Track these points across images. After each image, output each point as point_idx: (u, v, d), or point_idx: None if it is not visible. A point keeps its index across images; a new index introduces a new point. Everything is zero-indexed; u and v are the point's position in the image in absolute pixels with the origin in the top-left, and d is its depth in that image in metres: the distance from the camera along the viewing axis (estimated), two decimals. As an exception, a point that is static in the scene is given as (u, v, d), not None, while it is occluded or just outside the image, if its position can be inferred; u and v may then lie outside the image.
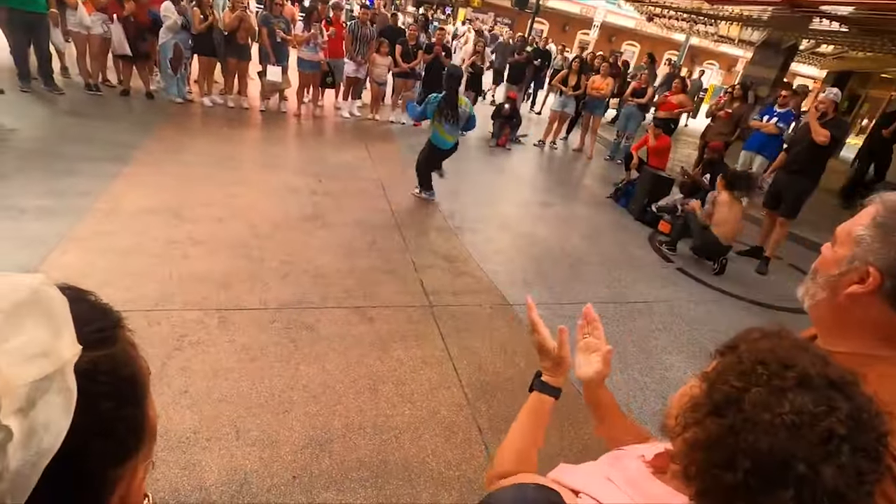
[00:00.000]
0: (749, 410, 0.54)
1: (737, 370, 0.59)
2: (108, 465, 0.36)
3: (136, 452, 0.39)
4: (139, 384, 0.40)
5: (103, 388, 0.34)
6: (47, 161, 4.31)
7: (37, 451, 0.28)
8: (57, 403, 0.29)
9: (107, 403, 0.35)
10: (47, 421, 0.29)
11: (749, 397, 0.55)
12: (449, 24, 17.43)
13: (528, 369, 2.91)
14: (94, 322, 0.37)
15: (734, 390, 0.57)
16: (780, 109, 6.98)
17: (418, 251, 4.08)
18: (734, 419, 0.55)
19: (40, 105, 5.78)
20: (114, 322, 0.39)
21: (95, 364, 0.34)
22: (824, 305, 0.87)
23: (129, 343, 0.40)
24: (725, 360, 0.63)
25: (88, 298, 0.39)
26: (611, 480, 0.69)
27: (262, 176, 5.02)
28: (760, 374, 0.56)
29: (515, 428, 0.97)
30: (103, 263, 3.09)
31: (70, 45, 6.77)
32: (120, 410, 0.36)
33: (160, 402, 2.18)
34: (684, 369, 3.24)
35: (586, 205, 6.33)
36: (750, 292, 4.62)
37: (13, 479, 0.27)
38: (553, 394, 0.98)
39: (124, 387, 0.37)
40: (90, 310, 0.38)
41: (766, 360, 0.58)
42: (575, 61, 8.78)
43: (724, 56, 28.51)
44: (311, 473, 2.02)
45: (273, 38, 6.97)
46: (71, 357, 0.31)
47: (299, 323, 2.91)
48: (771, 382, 0.55)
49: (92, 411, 0.33)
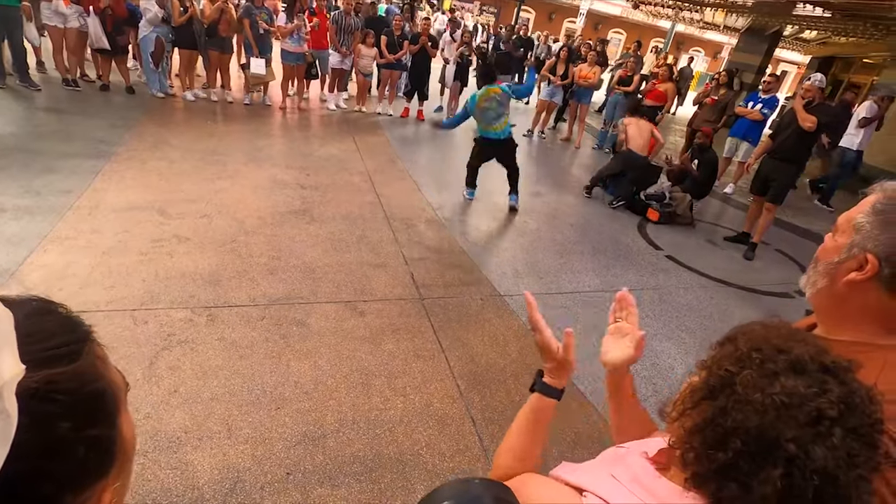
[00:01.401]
0: (740, 391, 0.55)
1: (733, 357, 0.60)
2: (67, 489, 0.33)
3: (103, 474, 0.37)
4: (107, 401, 0.37)
5: (60, 407, 0.32)
6: (25, 159, 4.21)
7: None
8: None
9: (64, 424, 0.32)
10: None
11: (740, 379, 0.56)
12: (423, 11, 17.18)
13: (521, 360, 2.92)
14: (56, 336, 0.35)
15: (728, 374, 0.58)
16: (765, 95, 7.02)
17: (408, 244, 4.06)
18: (726, 401, 0.55)
19: (16, 101, 5.63)
20: (80, 336, 0.37)
21: (53, 382, 0.32)
22: (825, 293, 0.87)
23: (98, 357, 0.38)
24: (723, 349, 0.64)
25: (57, 311, 0.37)
26: (615, 478, 0.68)
27: (248, 170, 4.95)
28: (754, 359, 0.57)
29: (515, 429, 0.95)
30: (86, 263, 3.04)
31: (45, 39, 6.59)
32: (81, 431, 0.34)
33: (149, 402, 2.16)
34: (674, 355, 3.28)
35: (575, 194, 6.34)
36: (737, 278, 4.67)
37: None
38: (555, 395, 0.95)
39: (87, 405, 0.35)
40: (55, 323, 0.36)
41: (760, 346, 0.59)
42: (563, 50, 8.74)
43: (710, 43, 28.63)
44: (304, 469, 2.01)
45: (256, 30, 6.84)
46: (10, 377, 0.29)
47: (289, 319, 2.89)
48: (764, 365, 0.56)
49: (45, 433, 0.31)
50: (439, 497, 0.54)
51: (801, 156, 5.05)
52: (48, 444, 0.31)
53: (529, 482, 0.79)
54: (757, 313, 4.08)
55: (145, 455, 1.93)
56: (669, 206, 5.81)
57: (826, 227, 3.54)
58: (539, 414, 0.95)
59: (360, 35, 7.70)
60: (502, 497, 0.55)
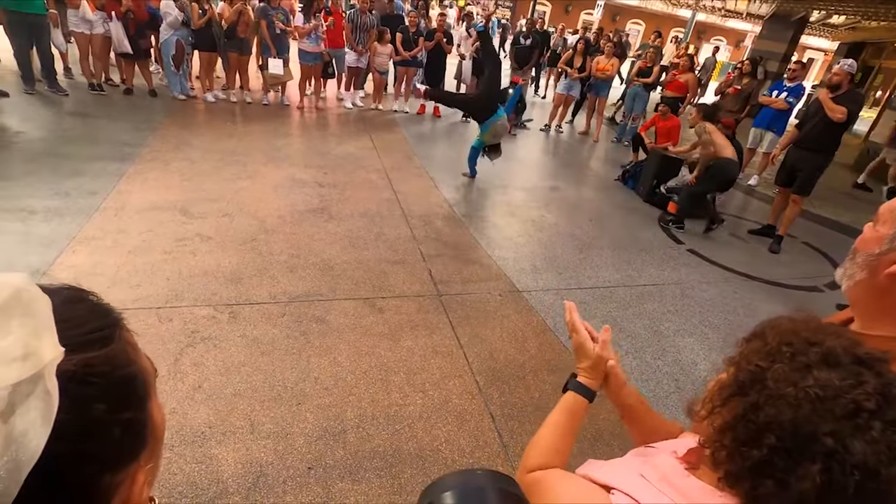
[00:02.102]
0: (772, 386, 0.53)
1: (763, 351, 0.58)
2: (104, 470, 0.35)
3: (136, 456, 0.38)
4: (139, 385, 0.38)
5: (96, 389, 0.33)
6: (54, 162, 4.34)
7: (15, 457, 0.27)
8: (36, 409, 0.28)
9: (100, 405, 0.33)
10: (26, 428, 0.28)
11: (772, 373, 0.54)
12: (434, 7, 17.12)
13: (540, 356, 2.90)
14: (89, 322, 0.36)
15: (758, 369, 0.56)
16: (790, 84, 6.81)
17: (426, 240, 4.06)
18: (758, 396, 0.54)
19: (45, 106, 5.80)
20: (111, 322, 0.38)
21: (89, 365, 0.33)
22: (863, 286, 0.84)
23: (129, 343, 0.39)
24: (751, 344, 0.62)
25: (88, 299, 0.38)
26: (644, 477, 0.67)
27: (268, 170, 5.01)
28: (784, 353, 0.55)
29: (546, 428, 0.94)
30: (113, 262, 3.12)
31: (72, 45, 6.78)
32: (116, 413, 0.35)
33: (175, 397, 2.21)
34: (697, 351, 3.22)
35: (594, 188, 6.26)
36: (762, 272, 4.56)
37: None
38: (589, 396, 0.95)
39: (121, 388, 0.36)
40: (87, 310, 0.37)
41: (790, 340, 0.57)
42: (580, 42, 8.63)
43: (732, 31, 27.91)
44: (325, 464, 2.03)
45: (273, 30, 6.91)
46: (52, 359, 0.30)
47: (309, 315, 2.92)
48: (795, 359, 0.54)
49: (83, 415, 0.32)
50: (442, 486, 0.53)
51: (828, 145, 4.89)
52: (86, 426, 0.32)
53: (556, 479, 0.78)
54: (783, 308, 3.98)
55: (171, 449, 1.97)
56: (691, 200, 5.68)
57: (856, 218, 3.40)
58: (572, 414, 0.94)
59: (375, 33, 7.72)
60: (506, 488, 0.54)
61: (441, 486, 0.53)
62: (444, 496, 0.52)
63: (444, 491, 0.52)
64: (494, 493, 0.53)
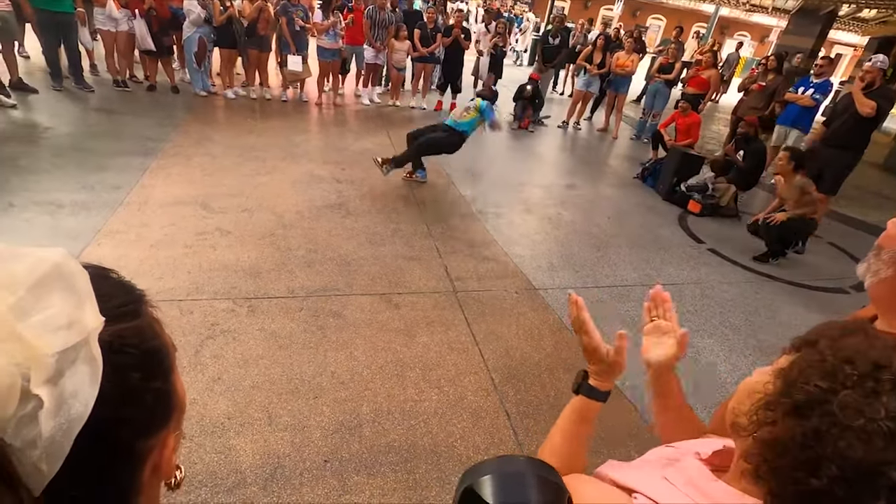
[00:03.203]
0: (839, 415, 0.50)
1: (820, 369, 0.54)
2: (140, 434, 0.37)
3: (166, 423, 0.40)
4: (166, 357, 0.41)
5: (130, 359, 0.35)
6: (80, 157, 4.44)
7: (67, 418, 0.29)
8: (84, 372, 0.30)
9: (135, 374, 0.36)
10: (75, 389, 0.30)
11: (839, 400, 0.50)
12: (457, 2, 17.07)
13: (556, 354, 2.88)
14: (117, 297, 0.38)
15: (819, 390, 0.52)
16: (817, 80, 6.63)
17: (442, 237, 4.06)
18: (820, 422, 0.50)
19: (72, 103, 5.95)
20: (137, 297, 0.40)
21: (121, 336, 0.35)
22: (889, 283, 0.81)
23: (154, 319, 0.41)
24: (805, 356, 0.58)
25: (111, 276, 0.40)
26: (668, 480, 0.65)
27: (286, 165, 5.06)
28: (850, 375, 0.52)
29: (558, 432, 0.92)
30: (136, 255, 3.19)
31: (98, 43, 6.93)
32: (148, 381, 0.37)
33: (195, 388, 2.25)
34: (717, 352, 3.16)
35: (612, 186, 6.19)
36: (786, 272, 4.46)
37: (46, 446, 0.28)
38: (601, 398, 0.91)
39: (151, 358, 0.38)
40: (113, 286, 0.39)
41: (853, 359, 0.53)
42: (599, 38, 8.52)
43: (757, 26, 27.28)
44: (341, 457, 2.05)
45: (292, 27, 6.97)
46: (94, 327, 0.32)
47: (326, 310, 2.95)
48: (863, 384, 0.51)
49: (121, 382, 0.34)
50: (482, 470, 0.53)
51: (856, 142, 4.76)
52: (124, 392, 0.34)
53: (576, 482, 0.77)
54: (807, 309, 3.89)
55: (192, 439, 2.02)
56: (712, 198, 5.59)
57: (883, 218, 3.34)
58: (583, 416, 0.91)
59: (393, 29, 7.72)
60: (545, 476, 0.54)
61: (480, 470, 0.53)
62: (483, 480, 0.52)
63: (483, 475, 0.52)
64: (534, 480, 0.52)
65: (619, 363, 0.91)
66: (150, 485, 0.40)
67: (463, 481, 0.53)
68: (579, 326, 0.92)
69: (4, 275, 0.29)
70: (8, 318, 0.28)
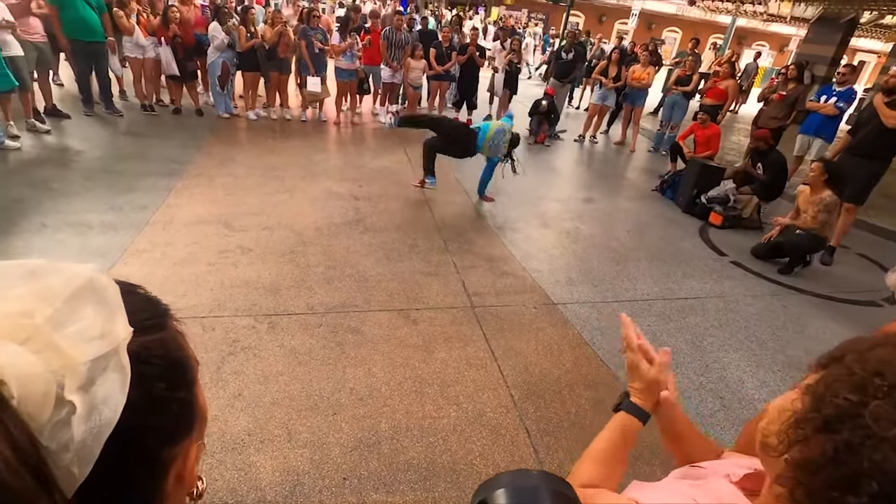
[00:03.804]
0: (872, 426, 0.48)
1: (849, 382, 0.52)
2: (165, 442, 0.38)
3: (189, 432, 0.41)
4: (189, 369, 0.42)
5: (156, 369, 0.37)
6: (110, 179, 4.60)
7: (97, 423, 0.30)
8: (114, 380, 0.32)
9: (160, 384, 0.37)
10: (106, 396, 0.31)
11: (871, 412, 0.49)
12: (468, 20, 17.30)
13: (576, 370, 2.84)
14: (144, 311, 0.39)
15: (848, 403, 0.50)
16: (840, 88, 6.51)
17: (459, 252, 4.07)
18: (852, 435, 0.48)
19: (102, 127, 6.18)
20: (162, 311, 0.42)
21: (147, 348, 0.36)
22: None
23: (178, 332, 0.43)
24: (832, 371, 0.56)
25: (138, 291, 0.42)
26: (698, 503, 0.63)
27: (306, 184, 5.16)
28: (880, 386, 0.50)
29: (596, 449, 0.89)
30: (161, 273, 3.27)
31: (126, 69, 7.22)
32: (172, 391, 0.38)
33: (216, 405, 2.27)
34: (744, 368, 3.07)
35: (631, 199, 6.13)
36: (813, 284, 4.33)
37: (78, 450, 0.29)
38: (642, 417, 0.90)
39: (175, 369, 0.39)
40: (140, 301, 0.41)
41: (882, 370, 0.51)
42: (614, 52, 8.53)
43: (776, 35, 27.01)
44: (360, 475, 2.04)
45: (311, 50, 7.16)
46: (124, 338, 0.33)
47: (345, 326, 2.97)
48: (893, 394, 0.49)
49: (147, 391, 0.35)
50: (497, 483, 0.53)
51: (884, 151, 4.64)
52: (149, 401, 0.35)
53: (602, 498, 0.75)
54: (837, 323, 3.76)
55: (212, 455, 2.03)
56: (734, 210, 5.50)
57: (918, 228, 3.16)
58: (624, 435, 0.89)
59: (409, 49, 7.87)
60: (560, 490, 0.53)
61: (495, 483, 0.53)
62: (497, 494, 0.52)
63: (497, 488, 0.52)
64: (548, 494, 0.52)
65: (658, 380, 0.90)
66: (174, 494, 0.41)
67: (477, 494, 0.53)
68: (628, 344, 0.94)
69: (42, 288, 0.31)
70: (45, 328, 0.29)
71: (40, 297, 0.31)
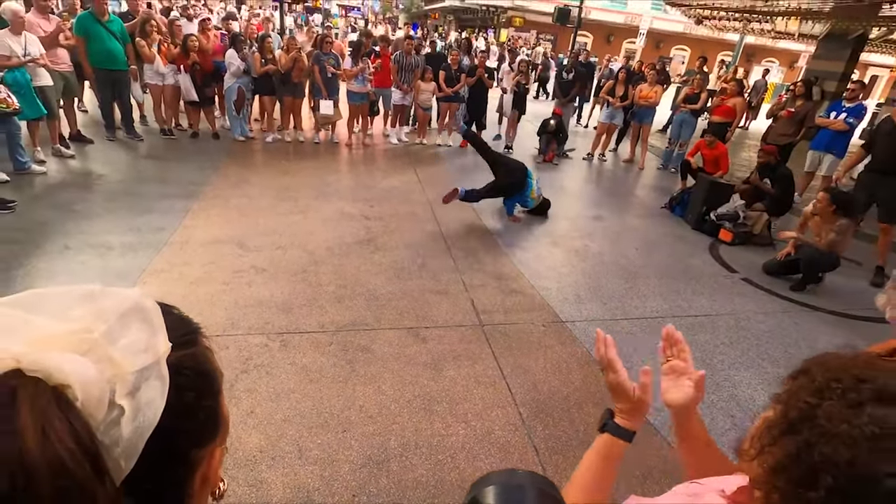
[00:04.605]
0: (825, 423, 0.51)
1: (810, 388, 0.56)
2: (194, 444, 0.44)
3: (214, 437, 0.47)
4: (216, 380, 0.48)
5: (187, 380, 0.42)
6: (130, 201, 4.76)
7: (141, 423, 0.36)
8: (155, 387, 0.37)
9: (190, 393, 0.43)
10: (149, 401, 0.37)
11: (822, 410, 0.52)
12: (479, 41, 17.58)
13: (585, 388, 2.84)
14: (178, 329, 0.45)
15: (807, 406, 0.54)
16: (850, 104, 6.51)
17: (468, 271, 4.12)
18: (810, 434, 0.52)
19: (123, 151, 6.40)
20: (194, 329, 0.48)
21: (181, 361, 0.42)
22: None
23: (207, 347, 0.49)
24: (799, 381, 0.60)
25: (173, 311, 0.49)
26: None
27: (318, 204, 5.27)
28: (834, 389, 0.54)
29: (582, 471, 0.90)
30: (178, 292, 3.36)
31: (147, 95, 7.49)
32: (201, 400, 0.44)
33: (230, 422, 2.33)
34: (755, 386, 3.05)
35: (639, 216, 6.14)
36: (826, 301, 4.29)
37: (126, 446, 0.35)
38: (627, 438, 0.90)
39: (204, 380, 0.45)
40: (175, 320, 0.47)
41: (838, 376, 0.55)
42: (621, 71, 8.63)
43: (784, 52, 27.04)
44: (369, 492, 2.07)
45: (324, 74, 7.37)
46: (164, 351, 0.39)
47: (355, 344, 3.01)
48: (846, 396, 0.52)
49: (180, 398, 0.41)
50: (486, 482, 0.57)
51: None
52: (182, 407, 0.41)
53: None
54: (850, 341, 3.71)
55: (225, 472, 2.07)
56: (744, 227, 5.48)
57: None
58: (608, 456, 0.90)
59: (419, 72, 8.06)
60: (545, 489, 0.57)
61: (485, 481, 0.58)
62: (487, 491, 0.56)
63: (487, 486, 0.56)
64: (533, 492, 0.56)
65: (644, 401, 0.90)
66: (200, 493, 0.46)
67: (470, 492, 0.58)
68: (606, 363, 0.93)
69: (98, 309, 0.37)
70: (101, 342, 0.36)
71: (96, 316, 0.37)
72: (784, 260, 4.61)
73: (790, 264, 4.58)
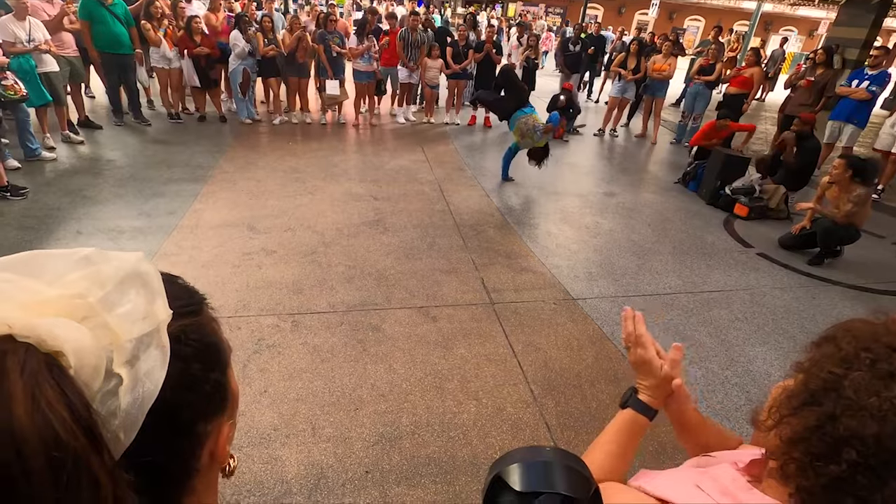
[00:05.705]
0: (851, 395, 0.49)
1: (836, 357, 0.54)
2: (199, 418, 0.42)
3: (221, 411, 0.45)
4: (222, 352, 0.46)
5: (192, 350, 0.41)
6: (139, 186, 4.77)
7: (141, 394, 0.34)
8: (155, 357, 0.35)
9: (196, 364, 0.41)
10: (148, 371, 0.35)
11: (850, 381, 0.50)
12: (482, 16, 17.14)
13: (596, 365, 2.82)
14: (181, 298, 0.43)
15: (832, 376, 0.52)
16: (872, 72, 6.27)
17: (478, 249, 4.08)
18: (834, 406, 0.50)
19: (131, 136, 6.41)
20: (198, 299, 0.46)
21: (184, 331, 0.40)
22: None
23: (212, 318, 0.47)
24: (822, 349, 0.57)
25: (177, 281, 0.46)
26: (701, 489, 0.63)
27: (326, 185, 5.24)
28: (863, 359, 0.51)
29: (602, 445, 0.88)
30: (189, 276, 3.30)
31: (153, 80, 7.46)
32: (207, 372, 0.42)
33: (243, 401, 2.33)
34: (771, 361, 3.01)
35: (652, 192, 6.03)
36: (845, 275, 4.19)
37: (124, 418, 0.33)
38: (650, 415, 0.88)
39: (209, 352, 0.43)
40: (179, 289, 0.45)
41: (868, 345, 0.52)
42: (633, 43, 8.39)
43: (804, 20, 26.09)
44: (382, 469, 2.09)
45: (329, 54, 7.27)
46: (164, 319, 0.37)
47: (366, 324, 3.02)
48: (876, 366, 0.50)
49: (184, 369, 0.39)
50: (511, 458, 0.55)
51: None
52: (186, 379, 0.39)
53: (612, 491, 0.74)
54: (873, 315, 3.63)
55: (240, 450, 2.10)
56: (760, 200, 5.35)
57: (953, 213, 3.02)
58: (630, 433, 0.87)
59: (425, 49, 7.91)
60: (573, 466, 0.54)
61: (509, 458, 0.55)
62: (511, 468, 0.53)
63: (511, 463, 0.54)
64: (561, 469, 0.53)
65: (670, 377, 0.87)
66: (208, 468, 0.44)
67: (492, 470, 0.55)
68: (635, 339, 0.90)
69: (95, 273, 0.35)
70: (98, 308, 0.33)
71: (94, 281, 0.35)
72: (800, 233, 4.50)
73: (807, 237, 4.47)
